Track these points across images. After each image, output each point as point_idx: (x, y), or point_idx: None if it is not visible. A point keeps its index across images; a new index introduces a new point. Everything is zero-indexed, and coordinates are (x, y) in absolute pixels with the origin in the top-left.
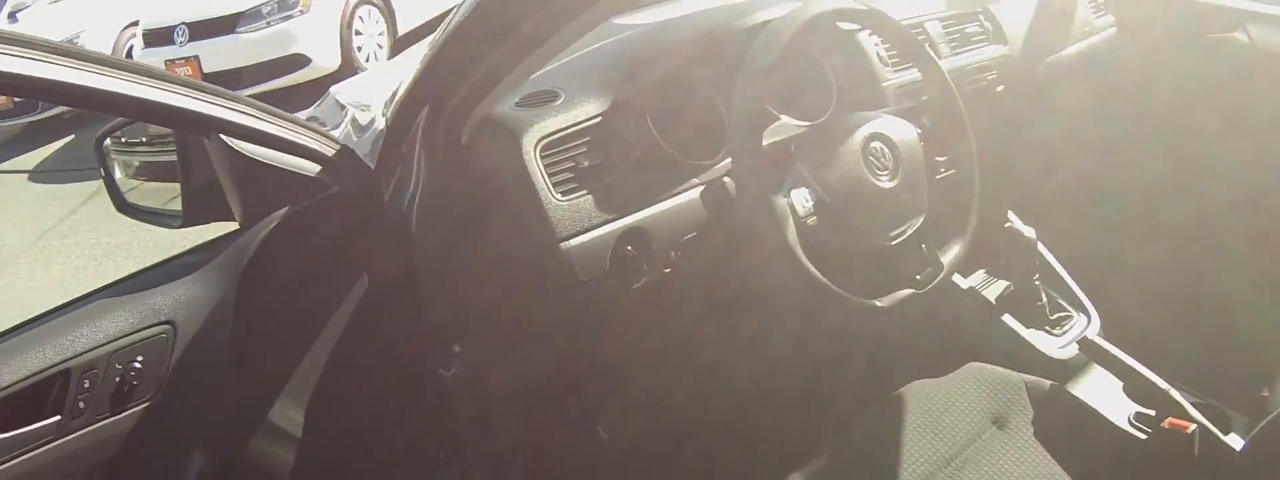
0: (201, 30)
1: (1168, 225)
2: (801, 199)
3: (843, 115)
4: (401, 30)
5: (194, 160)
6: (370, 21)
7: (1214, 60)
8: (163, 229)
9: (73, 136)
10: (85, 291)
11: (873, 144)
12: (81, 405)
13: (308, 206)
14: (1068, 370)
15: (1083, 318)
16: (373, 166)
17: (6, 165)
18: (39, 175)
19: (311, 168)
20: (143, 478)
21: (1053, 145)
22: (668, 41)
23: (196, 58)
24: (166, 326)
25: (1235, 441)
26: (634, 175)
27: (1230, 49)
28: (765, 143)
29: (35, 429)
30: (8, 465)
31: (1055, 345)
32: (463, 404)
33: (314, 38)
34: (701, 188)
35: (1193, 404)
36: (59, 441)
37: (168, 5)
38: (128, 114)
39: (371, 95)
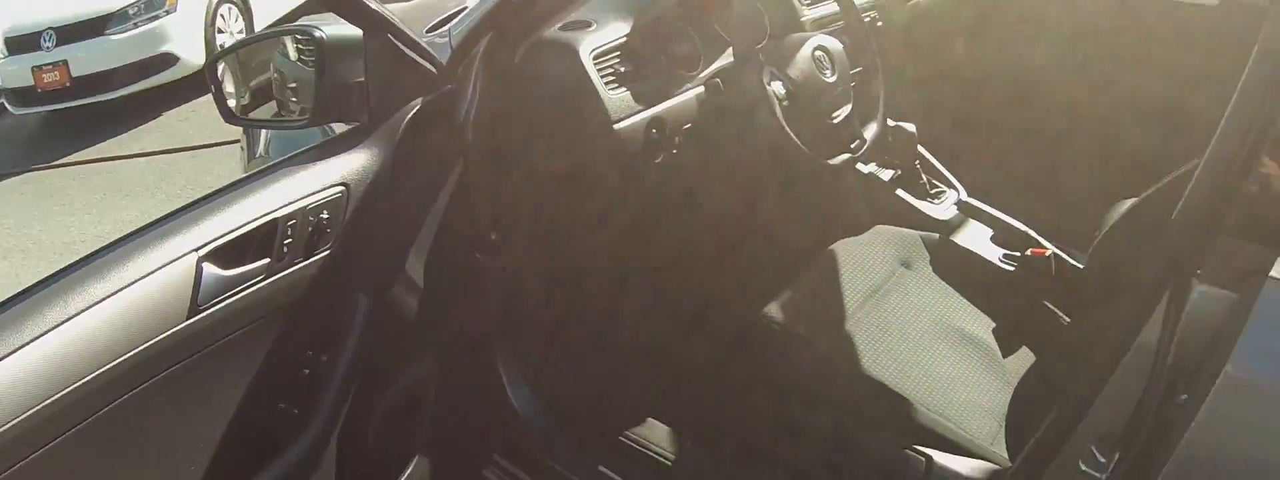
0: (69, 34)
1: (1010, 121)
2: (778, 88)
3: (787, 35)
4: (258, 26)
5: (328, 65)
6: (231, 19)
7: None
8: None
9: None
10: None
11: (817, 52)
12: (285, 249)
13: (434, 98)
14: (950, 227)
15: (953, 192)
16: None
17: None
18: None
19: (430, 69)
20: (325, 315)
21: (920, 66)
22: None
23: (65, 62)
24: (342, 187)
25: (1081, 264)
26: (650, 80)
27: None
28: None
29: (255, 267)
30: (236, 297)
31: (938, 210)
32: (494, 289)
33: (182, 37)
34: (697, 88)
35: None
36: (269, 279)
37: (28, 9)
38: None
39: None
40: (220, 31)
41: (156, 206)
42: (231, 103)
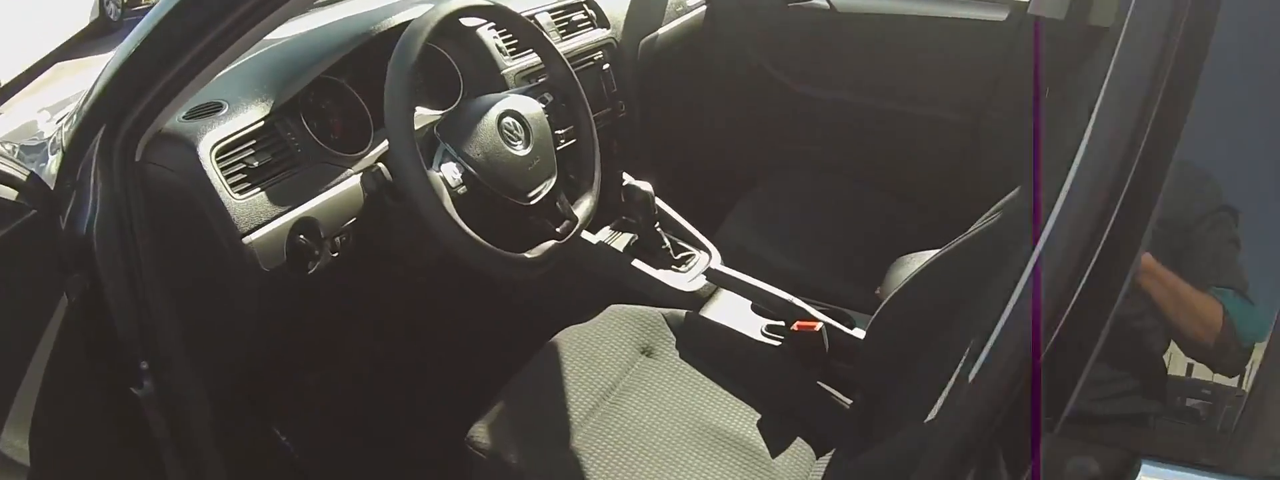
0: None
1: (763, 164)
2: (451, 173)
3: (472, 99)
4: None
5: None
6: None
7: (800, 25)
8: None
9: None
10: None
11: (505, 119)
12: None
13: (9, 231)
14: (700, 300)
15: (704, 254)
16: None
17: None
18: None
19: (8, 193)
20: None
21: (657, 111)
22: (315, 48)
23: None
24: None
25: (859, 333)
26: (298, 170)
27: (814, 13)
28: None
29: None
30: None
31: (684, 280)
32: (156, 421)
33: None
34: (358, 176)
35: (820, 311)
36: None
37: None
38: None
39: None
40: None
41: None
42: None
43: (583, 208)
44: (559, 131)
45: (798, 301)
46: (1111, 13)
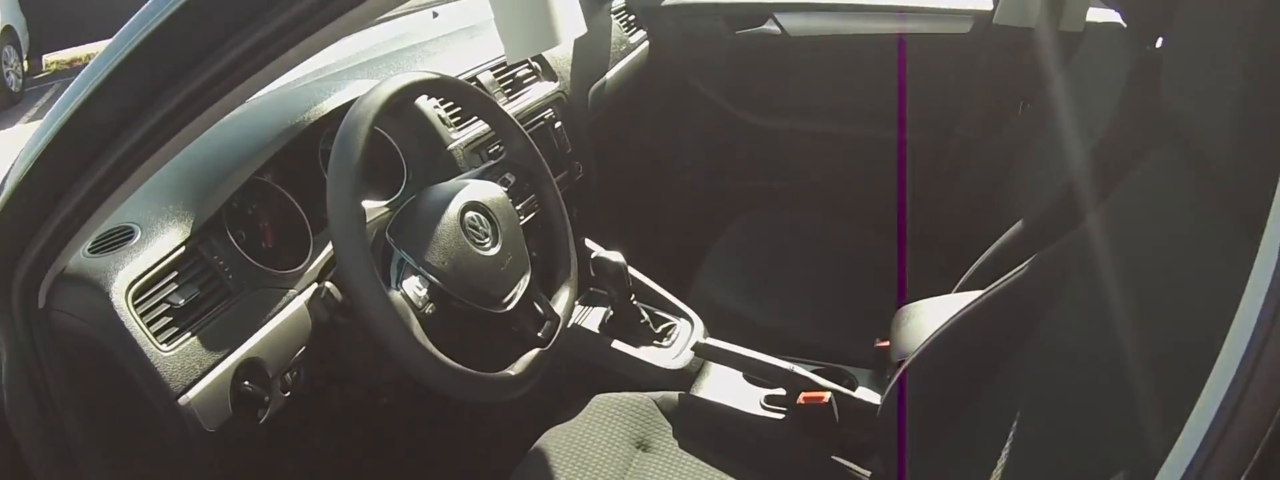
0: None
1: (729, 207)
2: (414, 289)
3: (423, 188)
4: None
5: None
6: None
7: (749, 54)
8: None
9: None
10: None
11: (468, 215)
12: None
13: None
14: (689, 377)
15: (686, 324)
16: None
17: None
18: None
19: None
20: None
21: (612, 165)
22: (235, 145)
23: None
24: None
25: (867, 395)
26: (232, 302)
27: (764, 40)
28: None
29: None
30: None
31: (669, 356)
32: None
33: None
34: (302, 298)
35: (815, 372)
36: None
37: None
38: None
39: None
40: None
41: None
42: None
43: (562, 302)
44: (517, 207)
45: (799, 369)
46: (1083, 18)
